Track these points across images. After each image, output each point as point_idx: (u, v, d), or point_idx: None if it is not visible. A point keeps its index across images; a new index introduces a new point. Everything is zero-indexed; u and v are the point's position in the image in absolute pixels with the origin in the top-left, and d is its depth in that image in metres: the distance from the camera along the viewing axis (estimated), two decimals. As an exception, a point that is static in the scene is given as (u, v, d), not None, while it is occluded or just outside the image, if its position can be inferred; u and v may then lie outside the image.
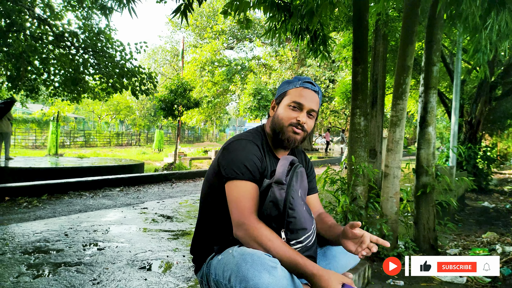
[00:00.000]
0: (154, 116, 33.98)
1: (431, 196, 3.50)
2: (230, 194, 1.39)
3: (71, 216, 4.36)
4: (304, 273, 1.23)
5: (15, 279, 2.32)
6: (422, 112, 3.56)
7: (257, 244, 1.27)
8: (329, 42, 4.12)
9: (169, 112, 11.68)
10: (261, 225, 1.31)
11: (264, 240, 1.27)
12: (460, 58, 7.60)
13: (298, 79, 1.57)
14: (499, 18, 2.83)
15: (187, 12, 3.19)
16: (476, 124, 9.31)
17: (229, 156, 1.43)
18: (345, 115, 24.36)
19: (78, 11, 8.02)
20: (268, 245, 1.26)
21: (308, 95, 1.52)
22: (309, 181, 1.69)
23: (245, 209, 1.34)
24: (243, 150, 1.44)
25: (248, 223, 1.31)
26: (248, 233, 1.29)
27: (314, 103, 1.52)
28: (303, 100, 1.50)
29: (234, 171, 1.39)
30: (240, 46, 24.86)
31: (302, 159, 1.73)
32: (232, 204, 1.37)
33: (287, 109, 1.51)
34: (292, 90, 1.54)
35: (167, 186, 7.93)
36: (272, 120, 1.57)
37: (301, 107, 1.50)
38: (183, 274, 2.50)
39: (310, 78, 1.60)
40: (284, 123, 1.50)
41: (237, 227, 1.33)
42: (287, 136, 1.50)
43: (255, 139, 1.52)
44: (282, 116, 1.51)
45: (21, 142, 23.74)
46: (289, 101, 1.51)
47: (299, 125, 1.49)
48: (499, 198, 8.45)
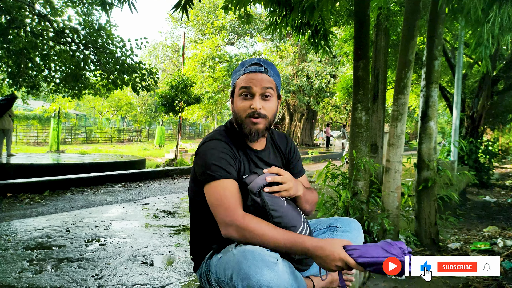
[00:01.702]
0: (155, 112, 33.96)
1: (433, 190, 3.50)
2: (211, 196, 1.37)
3: (73, 212, 4.38)
4: (304, 249, 1.23)
5: (18, 274, 2.33)
6: (423, 107, 3.54)
7: (251, 239, 1.26)
8: (330, 36, 4.09)
9: (170, 108, 11.68)
10: (249, 218, 1.29)
11: (257, 232, 1.26)
12: (462, 52, 7.56)
13: (242, 65, 1.50)
14: (501, 11, 2.81)
15: (188, 7, 3.17)
16: (477, 119, 9.28)
17: (201, 160, 1.41)
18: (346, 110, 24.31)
19: (78, 7, 8.00)
20: (262, 237, 1.25)
21: (254, 78, 1.43)
22: (293, 165, 1.68)
23: (229, 208, 1.31)
24: (213, 151, 1.41)
25: (236, 220, 1.29)
26: (239, 231, 1.28)
27: (264, 83, 1.43)
28: (250, 85, 1.43)
29: (208, 174, 1.37)
30: (241, 41, 24.79)
31: (285, 143, 1.69)
32: (214, 206, 1.35)
33: (240, 100, 1.45)
34: (238, 80, 1.47)
35: (168, 182, 7.94)
36: (233, 115, 1.53)
37: (252, 92, 1.43)
38: (184, 269, 2.50)
39: (256, 58, 1.51)
40: (242, 115, 1.45)
41: (225, 227, 1.31)
42: (249, 129, 1.45)
43: (223, 137, 1.48)
44: (238, 108, 1.46)
45: (23, 139, 23.77)
46: (239, 92, 1.46)
47: (256, 112, 1.42)
48: (501, 192, 8.44)
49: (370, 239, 3.08)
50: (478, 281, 2.70)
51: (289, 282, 1.18)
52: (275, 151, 1.64)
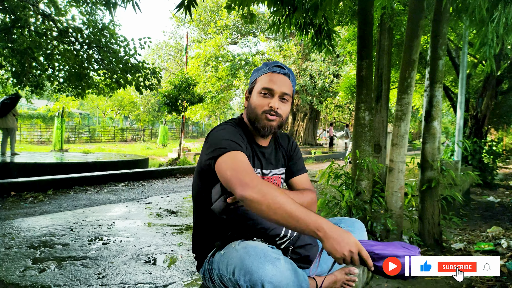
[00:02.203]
0: (158, 112, 34.02)
1: (436, 190, 3.48)
2: (225, 167, 1.28)
3: (76, 211, 4.39)
4: (318, 225, 1.12)
5: (21, 273, 2.34)
6: (427, 106, 3.53)
7: (270, 201, 1.16)
8: (334, 36, 4.09)
9: (173, 107, 11.69)
10: (266, 182, 1.23)
11: (275, 195, 1.17)
12: (466, 52, 7.52)
13: (266, 64, 1.54)
14: (506, 10, 2.80)
15: (191, 6, 3.17)
16: (481, 119, 9.23)
17: (212, 140, 1.40)
18: (349, 109, 24.26)
19: (82, 6, 8.02)
20: (279, 201, 1.16)
21: (278, 79, 1.48)
22: (294, 163, 1.69)
23: (247, 172, 1.24)
24: (224, 131, 1.42)
25: (256, 181, 1.20)
26: (259, 191, 1.17)
27: (285, 87, 1.49)
28: (273, 85, 1.47)
29: (220, 148, 1.33)
30: (244, 41, 24.76)
31: (286, 141, 1.72)
32: (230, 173, 1.25)
33: (258, 97, 1.49)
34: (261, 77, 1.51)
35: (171, 181, 7.96)
36: (247, 110, 1.55)
37: (272, 93, 1.47)
38: (187, 268, 2.51)
39: (279, 62, 1.57)
40: (258, 111, 1.48)
41: (243, 187, 1.19)
42: (262, 124, 1.47)
43: (235, 125, 1.51)
44: (255, 104, 1.49)
45: (27, 138, 23.87)
46: (260, 88, 1.49)
47: (272, 111, 1.46)
48: (505, 193, 8.40)
49: (373, 239, 3.07)
50: (482, 281, 2.69)
51: (291, 278, 1.18)
52: (277, 149, 1.67)
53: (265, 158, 1.58)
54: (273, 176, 1.62)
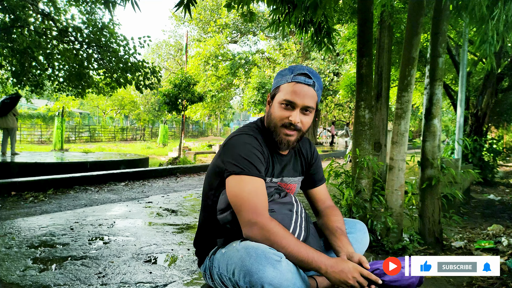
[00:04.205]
0: (158, 111, 34.01)
1: (436, 188, 3.48)
2: (234, 189, 1.32)
3: (77, 211, 4.39)
4: (318, 268, 1.24)
5: (22, 272, 2.34)
6: (427, 104, 3.52)
7: (274, 243, 1.24)
8: (334, 34, 4.08)
9: (173, 106, 11.68)
10: (274, 223, 1.28)
11: (280, 237, 1.25)
12: (466, 49, 7.51)
13: (291, 71, 1.45)
14: (506, 8, 2.79)
15: (190, 5, 3.17)
16: (482, 117, 9.23)
17: (231, 151, 1.38)
18: (349, 108, 24.26)
19: (82, 5, 8.01)
20: (284, 243, 1.24)
21: (301, 91, 1.40)
22: (314, 172, 1.67)
23: (256, 208, 1.28)
24: (245, 145, 1.38)
25: (262, 222, 1.26)
26: (264, 233, 1.25)
27: (308, 99, 1.41)
28: (295, 98, 1.40)
29: (237, 166, 1.33)
30: (244, 39, 24.75)
31: (307, 149, 1.68)
32: (239, 202, 1.30)
33: (279, 108, 1.43)
34: (284, 86, 1.44)
35: (171, 180, 7.96)
36: (267, 117, 1.51)
37: (294, 106, 1.41)
38: (187, 268, 2.51)
39: (305, 68, 1.46)
40: (277, 123, 1.44)
41: (248, 226, 1.28)
42: (280, 139, 1.44)
43: (256, 134, 1.46)
44: (275, 115, 1.44)
45: (27, 138, 23.89)
46: (281, 99, 1.42)
47: (292, 125, 1.41)
48: (505, 190, 8.40)
49: (373, 237, 3.07)
50: (482, 279, 2.68)
51: (292, 281, 1.18)
52: (296, 157, 1.64)
53: (283, 166, 1.56)
54: (289, 184, 1.60)
